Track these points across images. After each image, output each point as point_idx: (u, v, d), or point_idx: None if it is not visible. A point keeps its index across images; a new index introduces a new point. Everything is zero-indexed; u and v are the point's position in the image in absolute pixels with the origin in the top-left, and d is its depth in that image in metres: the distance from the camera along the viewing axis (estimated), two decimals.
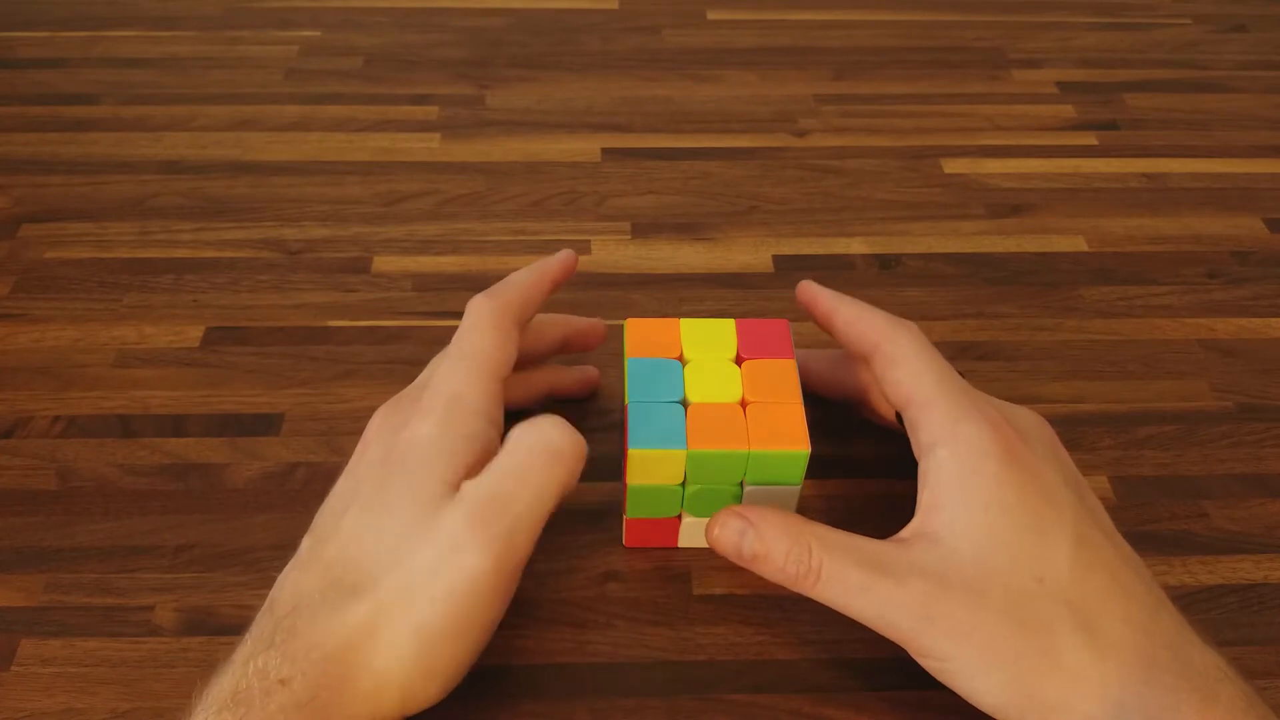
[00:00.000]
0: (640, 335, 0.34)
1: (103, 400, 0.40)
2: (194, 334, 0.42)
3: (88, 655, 0.32)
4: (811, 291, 0.36)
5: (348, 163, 0.51)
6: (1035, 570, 0.28)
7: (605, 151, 0.52)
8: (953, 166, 0.52)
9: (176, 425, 0.39)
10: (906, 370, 0.32)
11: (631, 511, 0.34)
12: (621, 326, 0.36)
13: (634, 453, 0.31)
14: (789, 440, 0.31)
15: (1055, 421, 0.33)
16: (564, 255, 0.36)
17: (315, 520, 0.31)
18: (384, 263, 0.46)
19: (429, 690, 0.28)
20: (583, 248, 0.47)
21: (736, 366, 0.33)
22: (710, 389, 0.33)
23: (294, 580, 0.29)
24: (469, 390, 0.31)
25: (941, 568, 0.28)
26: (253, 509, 0.36)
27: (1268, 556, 0.36)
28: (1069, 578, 0.28)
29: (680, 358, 0.34)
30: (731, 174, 0.51)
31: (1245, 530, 0.36)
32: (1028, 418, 0.33)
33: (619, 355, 0.37)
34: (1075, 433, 0.39)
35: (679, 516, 0.34)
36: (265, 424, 0.39)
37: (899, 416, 0.33)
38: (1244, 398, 0.41)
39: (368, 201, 0.49)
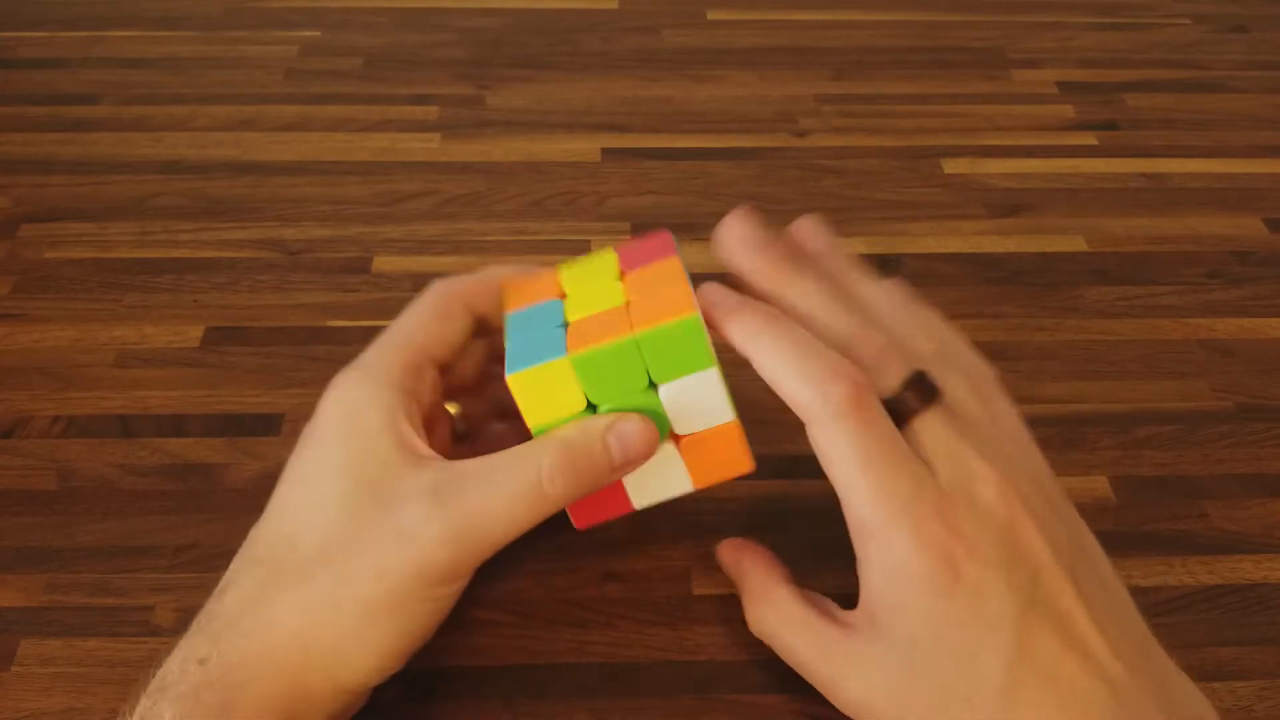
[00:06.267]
0: (518, 291, 0.32)
1: (103, 400, 0.40)
2: (194, 334, 0.42)
3: (88, 655, 0.32)
4: (712, 307, 0.31)
5: (348, 163, 0.51)
6: (964, 693, 0.27)
7: (605, 152, 0.52)
8: (953, 166, 0.52)
9: (176, 425, 0.39)
10: (836, 480, 0.28)
11: (531, 416, 0.29)
12: None
13: (513, 379, 0.28)
14: (673, 311, 0.28)
15: (1055, 421, 0.33)
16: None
17: None
18: (384, 263, 0.46)
19: (360, 670, 0.28)
20: (583, 248, 0.47)
21: (619, 282, 0.31)
22: (590, 306, 0.30)
23: (232, 565, 0.29)
24: (374, 375, 0.30)
25: (880, 680, 0.28)
26: (253, 509, 0.36)
27: (1268, 556, 0.36)
28: (998, 699, 0.26)
29: (561, 296, 0.31)
30: (731, 174, 0.51)
31: (1245, 530, 0.36)
32: (1013, 453, 0.29)
33: None
34: (1075, 433, 0.39)
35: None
36: (265, 424, 0.39)
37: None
38: (1244, 398, 0.41)
39: (368, 201, 0.49)
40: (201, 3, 0.62)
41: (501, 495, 0.28)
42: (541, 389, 0.28)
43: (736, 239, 0.32)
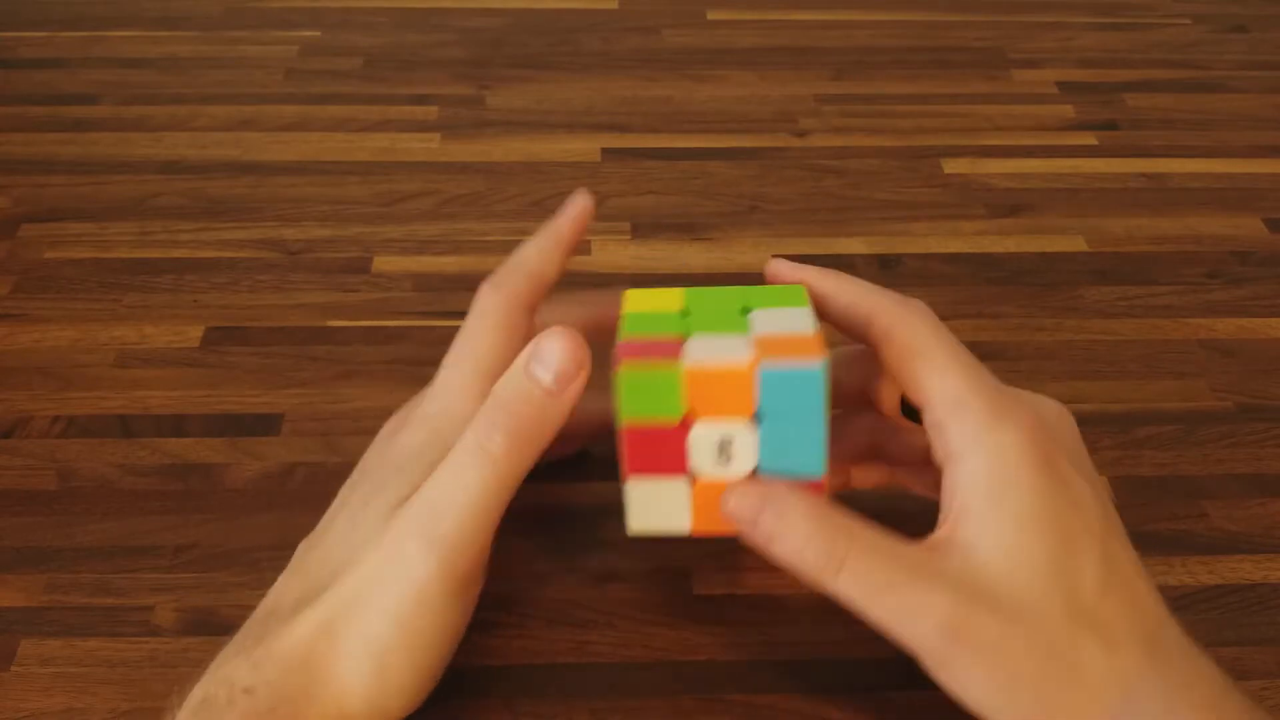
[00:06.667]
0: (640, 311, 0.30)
1: (103, 400, 0.40)
2: (194, 334, 0.42)
3: (88, 655, 0.32)
4: (789, 274, 0.31)
5: (348, 163, 0.51)
6: (1065, 589, 0.27)
7: (605, 151, 0.52)
8: (953, 166, 0.52)
9: (176, 425, 0.39)
10: (929, 364, 0.29)
11: (627, 408, 0.27)
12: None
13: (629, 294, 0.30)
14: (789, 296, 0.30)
15: None
16: (575, 208, 0.33)
17: (312, 537, 0.31)
18: (384, 263, 0.46)
19: (395, 703, 0.28)
20: (583, 248, 0.46)
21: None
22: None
23: (278, 586, 0.29)
24: (459, 403, 0.29)
25: (973, 580, 0.26)
26: (253, 509, 0.36)
27: (1268, 556, 0.36)
28: (1096, 596, 0.27)
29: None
30: (731, 174, 0.51)
31: (1245, 530, 0.36)
32: (1053, 412, 0.30)
33: None
34: None
35: (685, 421, 0.28)
36: (265, 424, 0.39)
37: (904, 410, 0.32)
38: (1244, 398, 0.41)
39: (368, 201, 0.49)
40: (201, 3, 0.62)
41: (453, 481, 0.27)
42: (647, 300, 0.30)
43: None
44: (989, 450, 0.27)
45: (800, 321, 0.29)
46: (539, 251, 0.32)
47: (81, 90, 0.55)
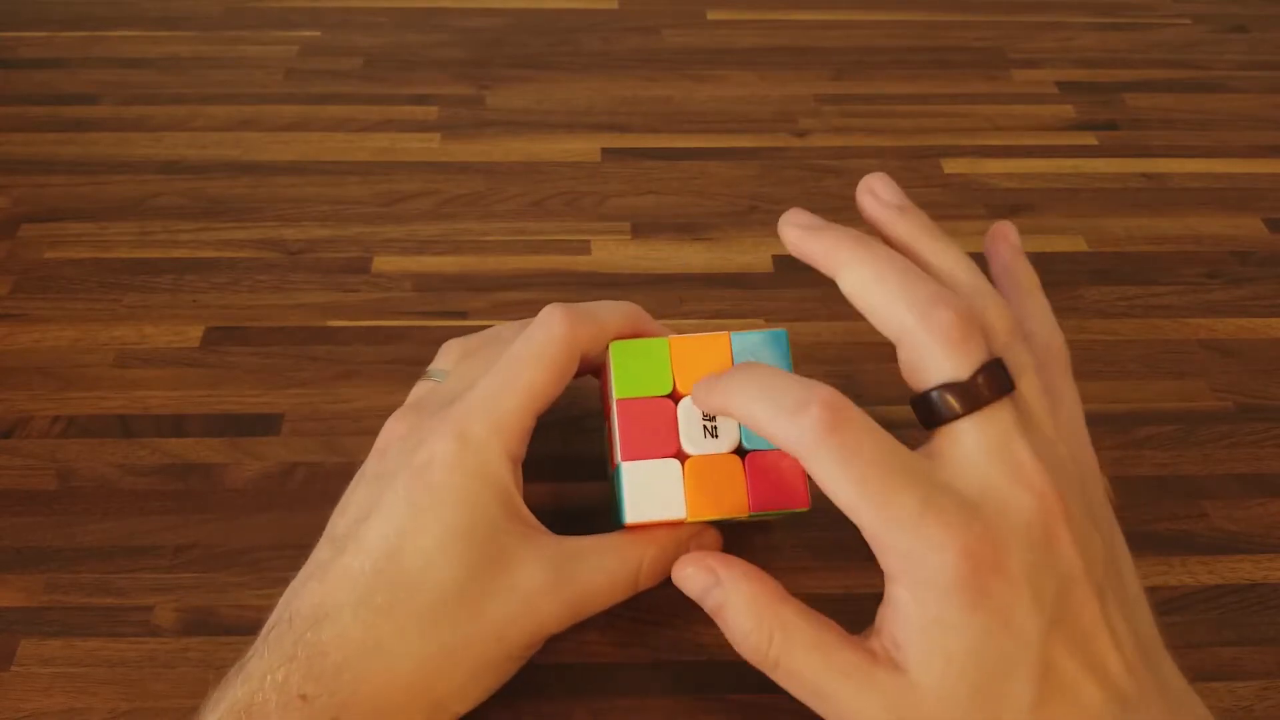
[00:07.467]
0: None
1: (103, 400, 0.40)
2: (194, 334, 0.42)
3: (88, 655, 0.32)
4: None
5: (348, 163, 0.51)
6: (995, 712, 0.26)
7: (605, 152, 0.52)
8: (953, 166, 0.52)
9: (176, 425, 0.39)
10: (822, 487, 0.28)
11: (620, 383, 0.31)
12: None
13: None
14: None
15: None
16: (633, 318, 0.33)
17: (332, 526, 0.30)
18: (384, 263, 0.46)
19: (458, 710, 0.29)
20: (583, 248, 0.47)
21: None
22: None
23: (314, 592, 0.28)
24: (492, 438, 0.30)
25: (902, 704, 0.26)
26: (253, 509, 0.36)
27: (1267, 556, 0.36)
28: (1030, 715, 0.26)
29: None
30: (731, 174, 0.51)
31: (1245, 530, 0.36)
32: (1076, 472, 0.29)
33: None
34: None
35: (674, 395, 0.31)
36: (265, 424, 0.39)
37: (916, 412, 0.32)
38: (1244, 398, 0.41)
39: (368, 201, 0.49)
40: (201, 3, 0.62)
41: (608, 580, 0.30)
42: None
43: (794, 228, 0.31)
44: (918, 582, 0.26)
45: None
46: (620, 318, 0.33)
47: (81, 90, 0.55)
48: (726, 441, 0.31)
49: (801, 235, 0.30)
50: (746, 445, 0.31)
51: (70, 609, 0.33)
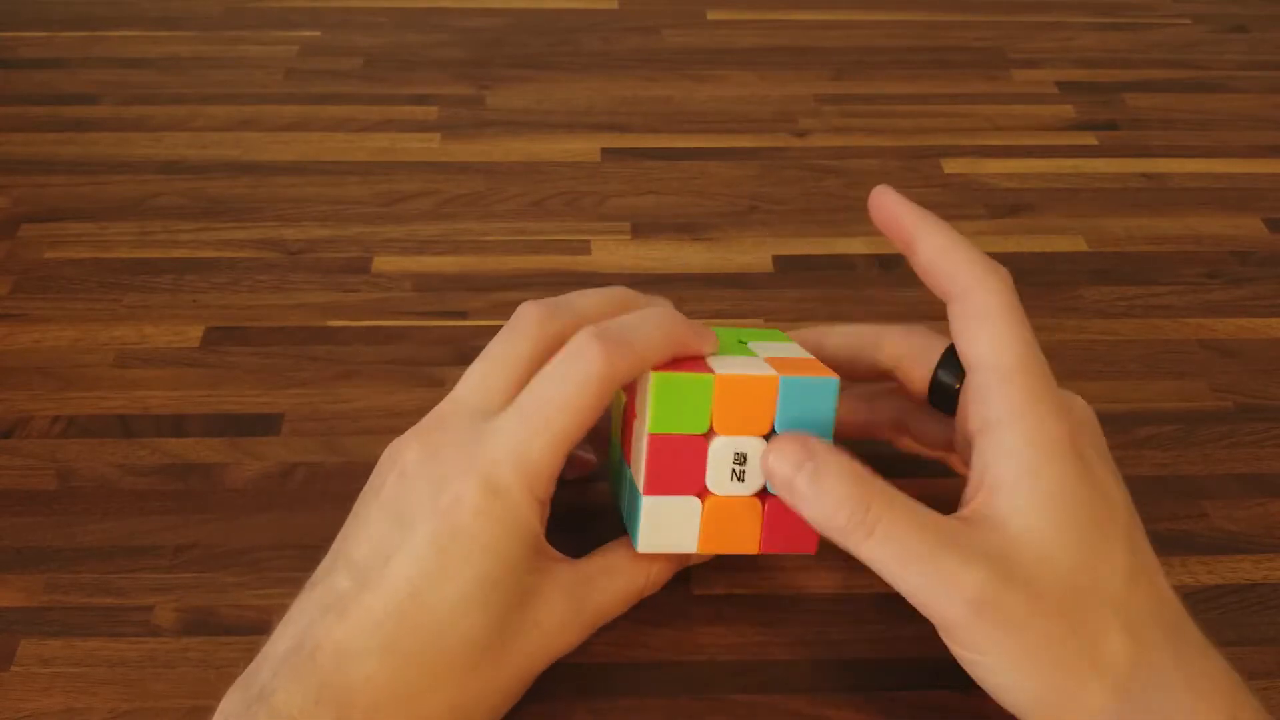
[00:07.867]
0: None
1: (103, 400, 0.40)
2: (194, 334, 0.42)
3: (88, 655, 0.32)
4: (891, 206, 0.32)
5: (348, 163, 0.51)
6: (1095, 575, 0.27)
7: (605, 151, 0.52)
8: (953, 166, 0.52)
9: (176, 425, 0.39)
10: (993, 329, 0.29)
11: (657, 417, 0.29)
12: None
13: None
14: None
15: None
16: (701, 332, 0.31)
17: (347, 549, 0.29)
18: (384, 263, 0.46)
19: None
20: (583, 248, 0.47)
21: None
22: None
23: (335, 628, 0.27)
24: (521, 486, 0.28)
25: (1006, 557, 0.26)
26: (253, 509, 0.36)
27: (1267, 556, 0.36)
28: (1124, 585, 0.27)
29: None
30: (731, 174, 0.51)
31: (1245, 530, 0.36)
32: (1080, 410, 0.31)
33: None
34: None
35: (708, 435, 0.29)
36: (265, 424, 0.39)
37: (933, 390, 0.32)
38: (1244, 398, 0.41)
39: (368, 201, 0.49)
40: (201, 3, 0.62)
41: (619, 597, 0.31)
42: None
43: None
44: (1030, 424, 0.28)
45: (796, 351, 0.32)
46: (661, 335, 0.30)
47: (81, 90, 0.55)
48: (751, 486, 0.30)
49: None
50: (770, 489, 0.30)
51: (70, 609, 0.33)
